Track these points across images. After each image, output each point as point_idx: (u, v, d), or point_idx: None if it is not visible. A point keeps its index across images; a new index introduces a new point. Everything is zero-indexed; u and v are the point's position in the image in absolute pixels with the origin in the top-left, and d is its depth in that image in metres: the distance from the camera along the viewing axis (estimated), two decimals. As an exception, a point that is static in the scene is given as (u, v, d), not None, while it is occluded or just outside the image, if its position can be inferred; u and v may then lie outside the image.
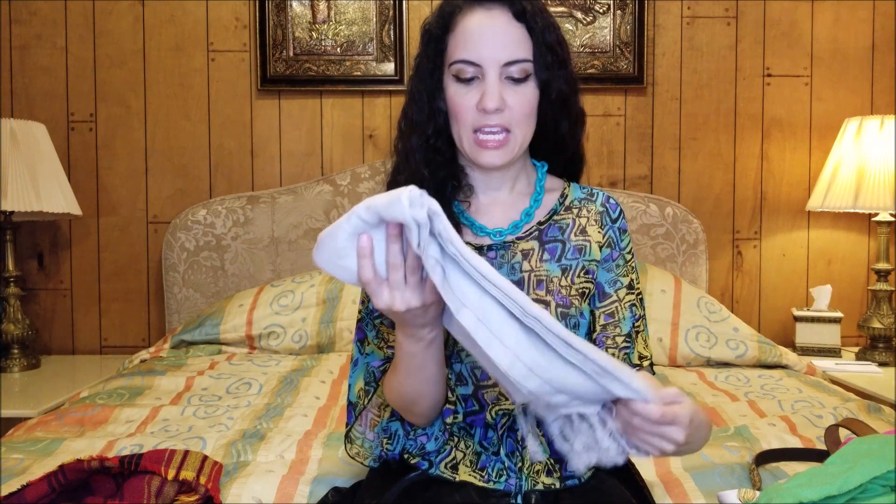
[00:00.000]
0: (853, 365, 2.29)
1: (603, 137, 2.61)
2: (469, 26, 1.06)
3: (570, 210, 1.16)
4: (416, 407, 1.06)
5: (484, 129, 1.05)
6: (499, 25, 1.05)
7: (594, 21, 2.58)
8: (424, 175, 1.10)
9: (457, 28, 1.07)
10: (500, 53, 1.04)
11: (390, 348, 1.11)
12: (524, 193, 1.16)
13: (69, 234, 2.62)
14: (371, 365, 1.13)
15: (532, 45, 1.06)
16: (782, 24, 2.61)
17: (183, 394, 1.90)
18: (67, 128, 2.59)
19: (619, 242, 1.15)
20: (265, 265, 2.52)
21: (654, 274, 2.31)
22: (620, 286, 1.12)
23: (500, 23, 1.05)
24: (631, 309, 1.12)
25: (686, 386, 1.97)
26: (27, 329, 2.36)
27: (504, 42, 1.05)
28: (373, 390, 1.13)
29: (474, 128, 1.06)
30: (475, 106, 1.05)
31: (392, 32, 2.57)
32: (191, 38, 2.59)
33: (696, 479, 1.33)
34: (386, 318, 1.11)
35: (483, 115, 1.05)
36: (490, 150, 1.06)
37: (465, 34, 1.06)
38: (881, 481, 0.91)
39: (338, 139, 2.63)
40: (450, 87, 1.08)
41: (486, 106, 1.03)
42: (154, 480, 1.21)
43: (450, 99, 1.08)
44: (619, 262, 1.14)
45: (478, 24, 1.05)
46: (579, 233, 1.14)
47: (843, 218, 2.63)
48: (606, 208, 1.16)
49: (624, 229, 1.16)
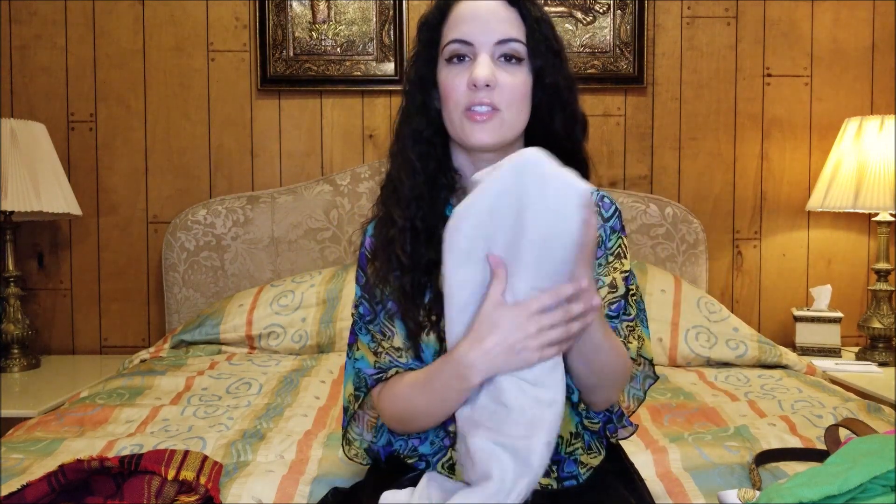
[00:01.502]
0: (853, 365, 2.29)
1: (603, 137, 2.61)
2: (463, 9, 1.07)
3: None
4: (414, 424, 1.07)
5: (473, 105, 1.04)
6: (492, 7, 1.06)
7: (594, 21, 2.58)
8: (415, 166, 1.09)
9: (451, 14, 1.08)
10: (493, 32, 1.05)
11: (383, 351, 1.10)
12: None
13: (69, 234, 2.62)
14: (363, 371, 1.12)
15: (525, 30, 1.06)
16: (782, 24, 2.61)
17: (183, 394, 1.90)
18: (67, 128, 2.59)
19: (605, 241, 1.13)
20: (265, 265, 2.52)
21: (654, 274, 2.31)
22: (602, 285, 1.10)
23: (493, 5, 1.06)
24: (609, 306, 1.10)
25: (686, 386, 1.97)
26: (27, 329, 2.36)
27: (497, 22, 1.05)
28: (363, 395, 1.12)
29: (465, 106, 1.04)
30: (466, 84, 1.04)
31: (392, 32, 2.57)
32: (191, 38, 2.59)
33: (696, 479, 1.33)
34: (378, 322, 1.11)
35: (473, 92, 1.03)
36: (479, 124, 1.04)
37: (458, 17, 1.07)
38: (881, 481, 0.91)
39: (338, 139, 2.63)
40: (442, 72, 1.08)
41: (477, 77, 1.02)
42: (154, 480, 1.20)
43: (441, 82, 1.07)
44: (602, 261, 1.12)
45: (472, 6, 1.07)
46: None
47: (843, 218, 2.63)
48: (599, 207, 1.14)
49: (615, 229, 1.14)
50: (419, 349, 1.07)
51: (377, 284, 1.10)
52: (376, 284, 1.10)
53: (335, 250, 2.53)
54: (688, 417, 1.70)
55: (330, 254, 2.53)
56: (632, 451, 1.37)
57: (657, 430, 1.61)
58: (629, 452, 1.27)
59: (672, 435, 1.56)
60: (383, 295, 1.10)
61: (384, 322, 1.11)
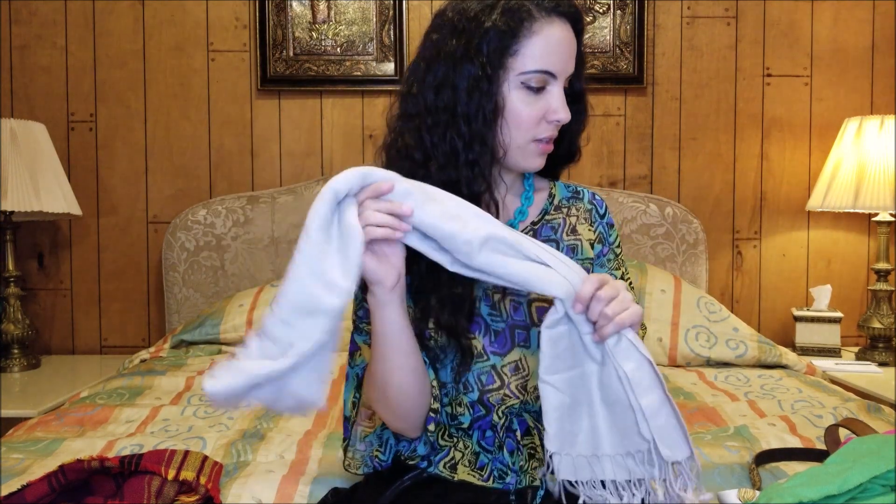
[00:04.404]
0: (853, 365, 2.29)
1: (603, 137, 2.61)
2: (554, 37, 1.04)
3: (559, 210, 1.17)
4: (388, 401, 1.03)
5: (548, 139, 1.07)
6: (571, 38, 1.07)
7: (594, 21, 2.58)
8: (469, 175, 1.03)
9: (537, 35, 1.03)
10: (570, 66, 1.07)
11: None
12: (515, 193, 1.16)
13: (69, 234, 2.62)
14: (358, 373, 1.12)
15: (577, 58, 1.09)
16: (782, 24, 2.61)
17: (183, 394, 1.90)
18: (67, 128, 2.59)
19: (607, 238, 1.18)
20: (265, 265, 2.52)
21: (654, 274, 2.31)
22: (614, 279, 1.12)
23: (572, 36, 1.07)
24: None
25: (686, 386, 1.97)
26: (27, 329, 2.36)
27: (570, 56, 1.07)
28: (359, 399, 1.12)
29: (535, 137, 1.06)
30: (541, 116, 1.05)
31: (392, 32, 2.57)
32: (191, 38, 2.59)
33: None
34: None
35: (548, 126, 1.06)
36: (542, 155, 1.09)
37: (549, 44, 1.03)
38: (881, 481, 0.91)
39: (338, 139, 2.63)
40: (514, 94, 1.04)
41: (562, 117, 1.05)
42: (154, 480, 1.20)
43: (512, 105, 1.04)
44: (610, 256, 1.18)
45: (562, 37, 1.05)
46: (570, 232, 1.16)
47: (843, 218, 2.63)
48: (594, 205, 1.20)
49: (611, 224, 1.20)
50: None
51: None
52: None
53: (335, 250, 2.52)
54: (688, 417, 1.69)
55: (330, 254, 2.52)
56: (632, 451, 1.37)
57: (657, 430, 1.61)
58: (629, 452, 1.27)
59: (672, 435, 1.56)
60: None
61: None
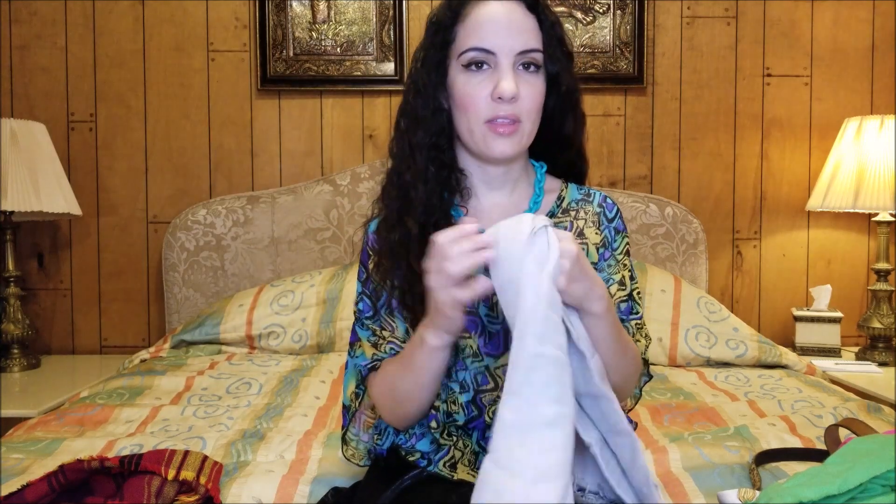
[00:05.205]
0: (853, 365, 2.29)
1: (603, 137, 2.61)
2: (483, 14, 1.04)
3: (567, 213, 1.15)
4: (400, 406, 1.06)
5: (497, 119, 1.03)
6: (513, 14, 1.04)
7: (594, 21, 2.58)
8: (430, 172, 1.07)
9: (468, 17, 1.05)
10: (515, 42, 1.03)
11: (384, 342, 1.10)
12: (524, 195, 1.14)
13: (69, 234, 2.62)
14: (359, 365, 1.13)
15: (542, 36, 1.06)
16: (782, 24, 2.61)
17: (183, 394, 1.90)
18: (67, 128, 2.59)
19: (612, 242, 1.14)
20: (265, 265, 2.52)
21: (654, 274, 2.31)
22: (612, 283, 1.11)
23: (514, 12, 1.04)
24: (618, 305, 1.11)
25: (686, 386, 1.97)
26: (27, 329, 2.36)
27: (518, 31, 1.03)
28: (362, 392, 1.13)
29: (486, 118, 1.03)
30: (488, 95, 1.03)
31: (392, 32, 2.57)
32: (191, 38, 2.59)
33: (695, 478, 1.33)
34: (378, 318, 1.11)
35: (496, 105, 1.02)
36: (503, 137, 1.03)
37: (478, 22, 1.04)
38: (881, 481, 0.91)
39: (338, 139, 2.63)
40: (458, 78, 1.05)
41: (504, 92, 1.01)
42: (154, 480, 1.21)
43: (458, 90, 1.05)
44: (611, 261, 1.13)
45: (492, 12, 1.04)
46: (577, 236, 1.13)
47: (843, 218, 2.63)
48: (603, 208, 1.15)
49: (619, 229, 1.15)
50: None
51: (379, 283, 1.11)
52: (378, 283, 1.11)
53: (335, 250, 2.53)
54: (688, 417, 1.70)
55: (330, 254, 2.53)
56: (632, 450, 1.37)
57: (657, 430, 1.61)
58: (629, 452, 1.27)
59: (672, 435, 1.56)
60: (382, 291, 1.11)
61: (385, 318, 1.12)
